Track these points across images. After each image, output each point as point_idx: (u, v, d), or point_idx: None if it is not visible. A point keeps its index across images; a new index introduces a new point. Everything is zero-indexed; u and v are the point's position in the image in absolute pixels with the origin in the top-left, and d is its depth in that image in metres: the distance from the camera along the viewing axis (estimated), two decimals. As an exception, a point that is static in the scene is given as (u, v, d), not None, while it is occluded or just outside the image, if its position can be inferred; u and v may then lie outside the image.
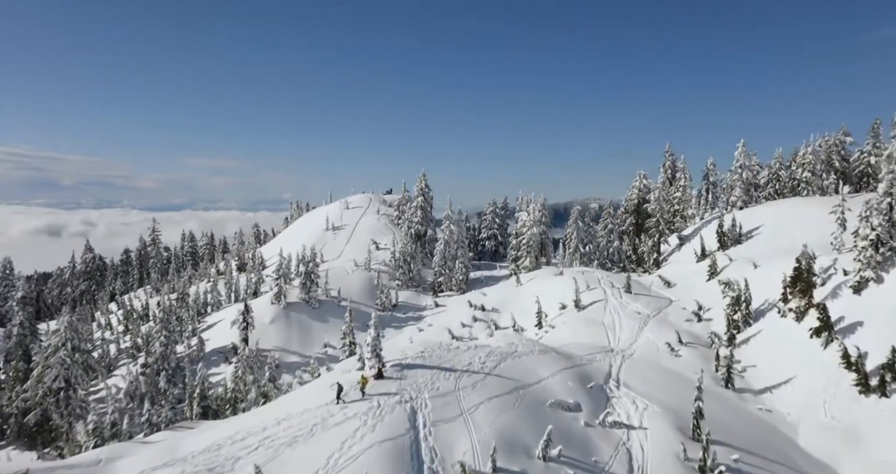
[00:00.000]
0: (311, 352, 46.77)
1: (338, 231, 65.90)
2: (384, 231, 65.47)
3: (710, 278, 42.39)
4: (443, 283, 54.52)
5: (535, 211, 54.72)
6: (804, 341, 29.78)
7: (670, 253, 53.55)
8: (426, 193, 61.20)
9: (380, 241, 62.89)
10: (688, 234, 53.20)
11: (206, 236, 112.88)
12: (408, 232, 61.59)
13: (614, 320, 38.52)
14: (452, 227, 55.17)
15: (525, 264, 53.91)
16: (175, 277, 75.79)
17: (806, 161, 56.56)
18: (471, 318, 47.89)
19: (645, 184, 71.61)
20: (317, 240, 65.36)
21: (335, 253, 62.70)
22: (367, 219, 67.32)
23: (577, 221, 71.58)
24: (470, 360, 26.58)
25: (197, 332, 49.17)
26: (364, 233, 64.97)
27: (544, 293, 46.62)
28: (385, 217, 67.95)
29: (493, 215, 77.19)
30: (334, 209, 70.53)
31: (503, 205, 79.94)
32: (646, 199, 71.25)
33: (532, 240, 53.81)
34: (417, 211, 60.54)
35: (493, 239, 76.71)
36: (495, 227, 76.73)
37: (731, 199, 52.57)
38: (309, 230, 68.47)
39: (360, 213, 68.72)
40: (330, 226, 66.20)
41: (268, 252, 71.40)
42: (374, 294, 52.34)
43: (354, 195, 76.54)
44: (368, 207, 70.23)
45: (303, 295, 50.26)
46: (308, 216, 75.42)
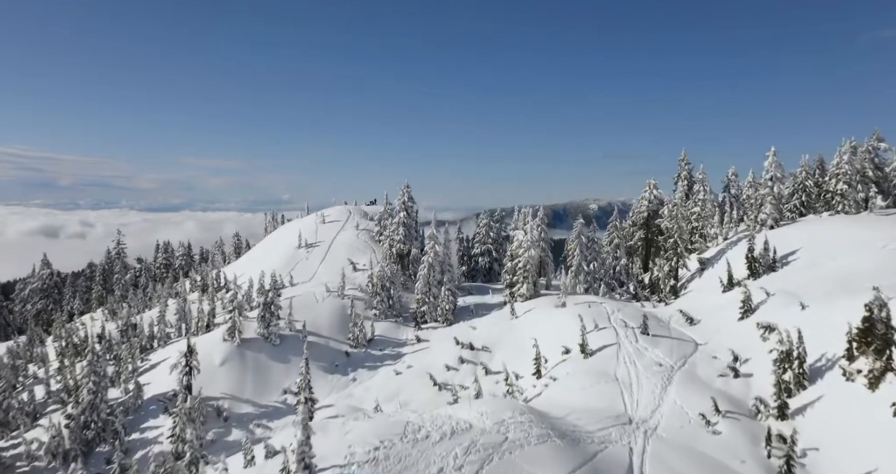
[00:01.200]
0: (269, 400, 39.53)
1: (312, 249, 58.61)
2: (363, 249, 58.20)
3: (743, 316, 35.17)
4: (426, 313, 47.24)
5: (534, 230, 47.48)
6: (886, 418, 22.59)
7: (690, 278, 46.31)
8: (409, 207, 53.90)
9: (358, 261, 55.59)
10: (710, 258, 45.96)
11: (182, 246, 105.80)
12: (388, 251, 54.29)
13: (630, 374, 31.23)
14: (437, 248, 47.89)
15: (521, 292, 46.65)
16: (137, 297, 68.44)
17: (841, 171, 49.46)
18: (457, 359, 40.60)
19: (655, 194, 64.39)
20: (288, 259, 58.06)
21: (307, 274, 55.41)
22: (344, 235, 60.04)
23: (579, 236, 64.38)
24: (442, 464, 19.28)
25: (135, 374, 41.88)
26: (341, 252, 57.68)
27: (544, 331, 39.37)
28: (365, 232, 60.61)
29: (487, 228, 69.93)
30: (309, 223, 63.18)
31: (498, 216, 72.77)
32: (657, 212, 64.12)
33: (529, 264, 46.55)
34: (399, 228, 53.23)
35: (488, 254, 69.43)
36: (489, 242, 69.47)
37: (759, 217, 45.33)
38: (280, 247, 61.14)
39: (337, 228, 61.38)
40: (303, 243, 58.88)
41: (236, 270, 64.11)
42: (348, 326, 45.08)
43: (332, 207, 69.16)
44: (347, 221, 62.91)
45: (261, 329, 42.96)
46: (280, 231, 67.95)
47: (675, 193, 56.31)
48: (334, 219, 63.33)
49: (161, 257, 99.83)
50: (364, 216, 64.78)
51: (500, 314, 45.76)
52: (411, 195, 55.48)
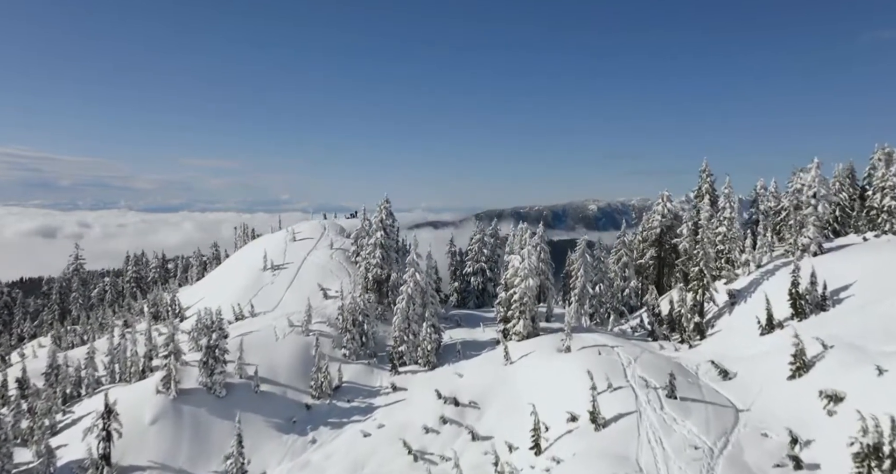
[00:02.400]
0: (207, 469, 32.25)
1: (278, 271, 51.30)
2: (337, 272, 50.86)
3: (795, 375, 27.86)
4: (405, 354, 39.94)
5: (531, 255, 40.14)
6: None
7: (718, 314, 38.98)
8: (388, 226, 46.52)
9: (330, 287, 48.29)
10: (742, 289, 38.65)
11: (157, 258, 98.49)
12: (364, 277, 46.95)
13: (657, 460, 23.93)
14: (418, 277, 40.57)
15: (517, 329, 39.31)
16: (91, 321, 61.04)
17: (888, 184, 42.32)
18: (438, 418, 33.29)
19: (669, 208, 57.23)
20: (251, 283, 50.73)
21: (271, 301, 48.14)
22: (316, 256, 52.71)
23: (584, 255, 57.16)
24: None
25: (47, 434, 34.52)
26: (311, 275, 50.35)
27: (544, 385, 32.15)
28: (340, 253, 53.22)
29: (481, 244, 62.67)
30: (277, 241, 55.79)
31: (493, 230, 65.49)
32: (671, 228, 56.93)
33: (527, 297, 39.22)
34: (376, 250, 45.84)
35: (481, 274, 62.15)
36: (483, 259, 62.19)
37: (800, 240, 38.06)
38: (244, 268, 53.79)
39: (308, 247, 54.01)
40: (268, 264, 51.54)
41: (195, 294, 56.91)
42: (311, 370, 37.78)
43: (304, 222, 61.68)
44: (320, 239, 55.51)
45: (204, 378, 35.65)
46: (246, 249, 60.37)
47: (696, 209, 48.92)
48: (306, 237, 55.93)
49: (131, 270, 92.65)
50: (340, 232, 57.35)
51: (492, 356, 38.40)
52: (391, 211, 48.18)
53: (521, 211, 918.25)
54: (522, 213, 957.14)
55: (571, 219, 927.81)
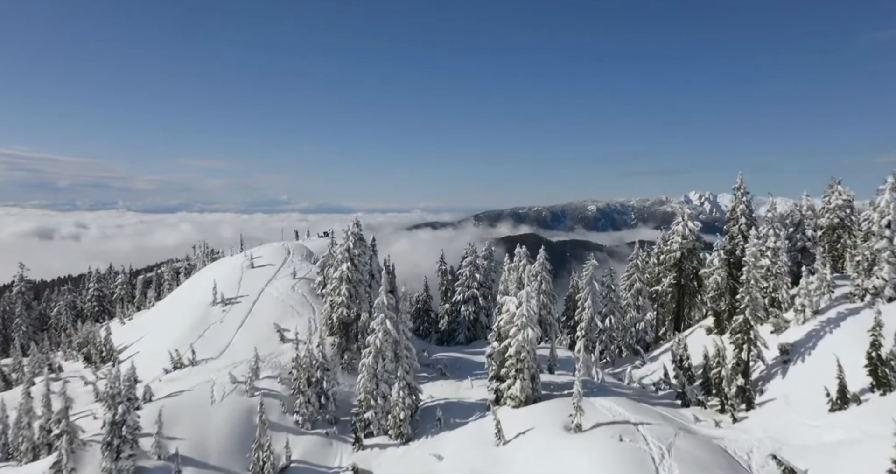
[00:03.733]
0: None
1: (230, 306, 43.15)
2: (299, 307, 42.73)
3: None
4: (372, 422, 31.85)
5: (531, 299, 31.89)
6: None
7: (767, 375, 30.86)
8: (356, 256, 38.26)
9: (288, 327, 40.22)
10: (796, 344, 30.58)
11: (124, 273, 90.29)
12: (328, 318, 38.79)
13: None
14: (389, 325, 32.44)
15: (513, 393, 31.15)
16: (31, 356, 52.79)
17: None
18: (407, 525, 25.26)
19: (691, 228, 49.18)
20: (197, 322, 42.54)
21: (217, 345, 40.00)
22: (276, 287, 44.52)
23: (591, 283, 49.26)
24: None
25: None
26: (268, 311, 42.21)
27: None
28: (305, 283, 45.01)
29: (472, 267, 54.59)
30: (233, 267, 47.50)
31: (486, 251, 57.40)
32: (692, 251, 48.93)
33: (525, 352, 31.03)
34: (341, 286, 37.64)
35: (473, 302, 54.07)
36: (475, 285, 54.09)
37: (872, 283, 29.94)
38: (191, 301, 45.60)
39: (268, 276, 45.89)
40: (218, 297, 43.38)
41: (135, 331, 48.75)
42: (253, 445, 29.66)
43: (266, 245, 53.23)
44: (282, 266, 47.35)
45: (107, 463, 27.54)
46: (196, 279, 52.00)
47: (727, 235, 40.72)
48: (266, 263, 47.65)
49: (93, 288, 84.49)
50: (306, 257, 49.12)
51: (481, 429, 30.22)
52: (362, 236, 40.05)
53: (520, 211, 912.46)
54: (521, 214, 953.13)
55: (570, 219, 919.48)
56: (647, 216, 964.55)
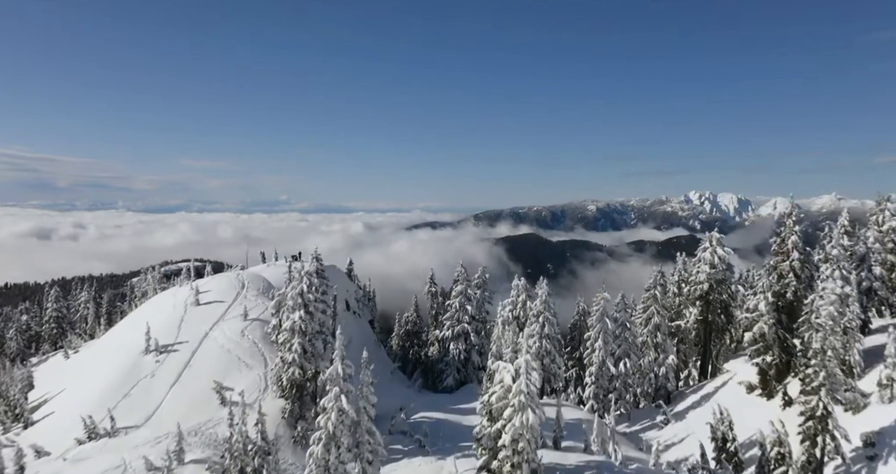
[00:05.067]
0: None
1: (166, 355, 35.40)
2: (249, 357, 34.96)
3: None
4: (323, 532, 24.17)
5: (530, 371, 24.09)
6: None
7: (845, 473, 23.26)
8: (311, 303, 30.46)
9: (233, 386, 32.52)
10: (883, 431, 22.97)
11: (89, 289, 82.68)
12: (277, 377, 31.08)
13: None
14: (344, 403, 24.69)
15: (508, 494, 23.46)
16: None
17: None
18: None
19: (720, 256, 41.55)
20: (124, 376, 34.72)
21: (144, 409, 32.27)
22: (223, 331, 36.70)
23: (603, 320, 41.67)
24: None
25: None
26: (210, 363, 34.43)
27: None
28: (258, 326, 37.20)
29: (463, 298, 46.97)
30: (175, 304, 39.38)
31: (480, 279, 49.76)
32: (722, 282, 41.35)
33: (523, 441, 23.35)
34: (293, 339, 29.92)
35: (463, 338, 46.41)
36: (466, 319, 46.45)
37: None
38: (120, 349, 37.68)
39: (215, 315, 38.02)
40: (152, 344, 35.63)
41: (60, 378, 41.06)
42: None
43: (217, 276, 44.89)
44: (234, 302, 39.45)
45: None
46: (133, 317, 43.43)
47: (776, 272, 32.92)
48: (214, 299, 39.67)
49: (52, 307, 76.72)
50: (264, 291, 41.18)
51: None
52: (321, 272, 32.37)
53: (519, 211, 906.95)
54: (521, 214, 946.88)
55: (570, 219, 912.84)
56: (646, 216, 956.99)
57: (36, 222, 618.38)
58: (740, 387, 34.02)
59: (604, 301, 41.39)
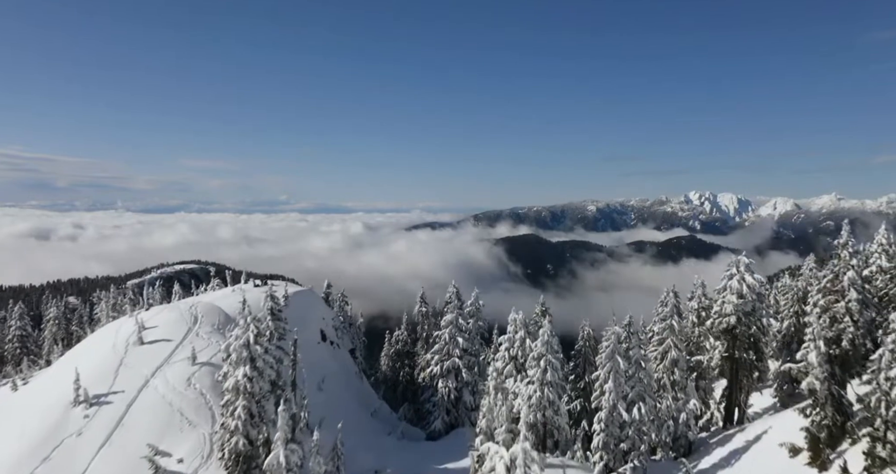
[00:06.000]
0: None
1: (97, 407, 29.79)
2: (193, 413, 29.27)
3: None
4: None
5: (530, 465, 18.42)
6: None
7: None
8: (260, 355, 24.79)
9: (171, 451, 26.89)
10: None
11: (59, 305, 77.04)
12: (220, 446, 25.48)
13: None
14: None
15: None
16: None
17: None
18: None
19: (749, 284, 35.92)
20: (47, 434, 29.01)
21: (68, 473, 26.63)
22: (166, 378, 30.97)
23: (614, 357, 35.95)
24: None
25: None
26: (147, 420, 28.77)
27: None
28: (207, 372, 31.47)
29: (454, 328, 41.34)
30: (115, 344, 33.51)
31: (473, 307, 44.15)
32: (751, 313, 35.80)
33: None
34: (237, 402, 24.32)
35: (454, 375, 40.80)
36: (457, 353, 40.82)
37: None
38: (47, 398, 31.87)
39: (161, 357, 32.41)
40: (82, 394, 30.01)
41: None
42: None
43: (166, 307, 38.60)
44: (183, 341, 33.63)
45: None
46: (66, 359, 37.32)
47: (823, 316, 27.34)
48: (161, 337, 33.76)
49: (16, 325, 70.98)
50: (220, 326, 35.25)
51: None
52: (276, 310, 26.71)
53: (519, 211, 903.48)
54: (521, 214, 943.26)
55: (570, 219, 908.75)
56: (646, 216, 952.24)
57: (34, 222, 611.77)
58: (781, 450, 28.43)
59: (614, 336, 35.70)
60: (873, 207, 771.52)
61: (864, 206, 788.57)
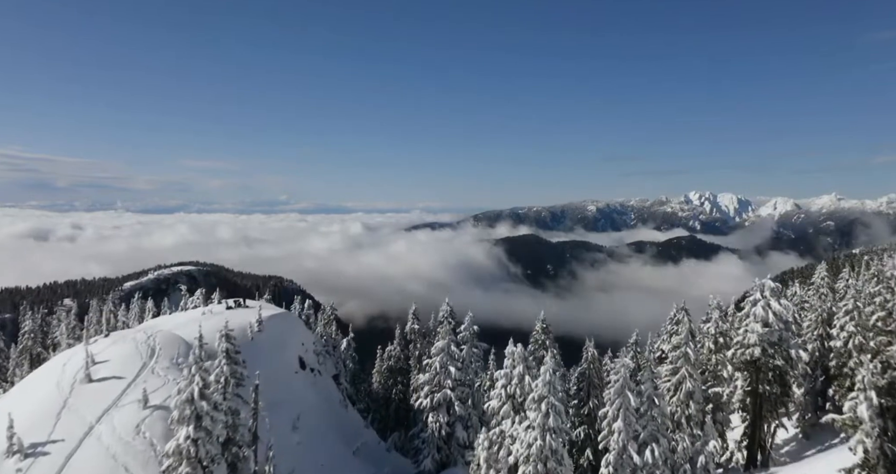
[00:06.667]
0: None
1: (33, 460, 25.85)
2: (141, 468, 25.27)
3: None
4: None
5: None
6: None
7: None
8: (205, 412, 20.87)
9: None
10: None
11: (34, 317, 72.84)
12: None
13: None
14: None
15: None
16: None
17: None
18: None
19: (776, 311, 32.02)
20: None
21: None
22: (112, 424, 26.84)
23: (624, 393, 32.13)
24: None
25: None
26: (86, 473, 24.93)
27: None
28: (159, 417, 27.44)
29: (446, 356, 37.35)
30: (58, 383, 29.27)
31: (467, 331, 40.17)
32: (778, 344, 31.95)
33: None
34: (182, 467, 20.40)
35: (444, 408, 36.82)
36: (449, 384, 36.83)
37: None
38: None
39: (110, 397, 28.28)
40: (16, 444, 26.02)
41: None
42: None
43: (122, 336, 34.08)
44: (136, 379, 29.39)
45: None
46: (7, 398, 33.23)
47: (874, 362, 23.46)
48: (112, 374, 29.46)
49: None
50: (177, 359, 31.36)
51: None
52: (232, 352, 22.77)
53: (519, 212, 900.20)
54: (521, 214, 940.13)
55: (570, 219, 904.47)
56: (646, 216, 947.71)
57: (33, 223, 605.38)
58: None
59: (625, 370, 31.82)
60: (873, 207, 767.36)
61: (864, 206, 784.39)
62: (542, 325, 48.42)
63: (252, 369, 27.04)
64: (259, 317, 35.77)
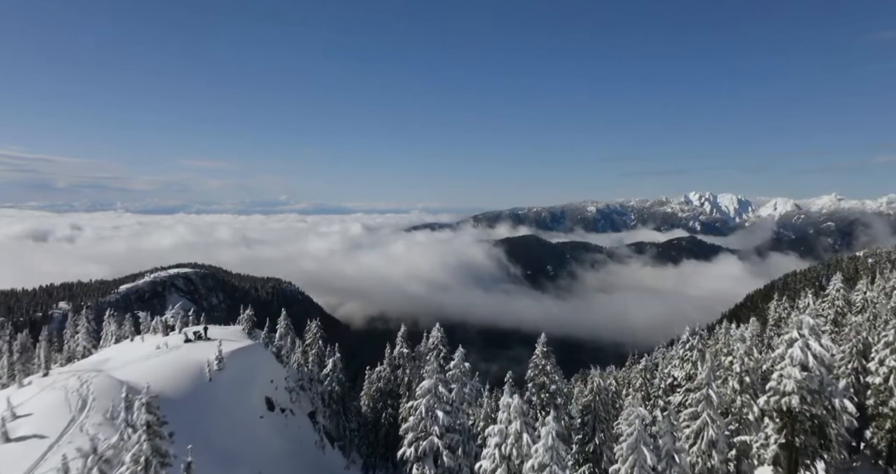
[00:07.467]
0: None
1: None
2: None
3: None
4: None
5: None
6: None
7: None
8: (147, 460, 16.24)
9: None
10: None
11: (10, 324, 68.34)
12: None
13: None
14: None
15: None
16: None
17: None
18: None
19: (818, 354, 27.33)
20: None
21: None
22: None
23: (638, 447, 27.36)
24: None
25: None
26: None
27: None
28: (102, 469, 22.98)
29: (433, 398, 32.47)
30: None
31: (458, 369, 35.45)
32: (819, 392, 27.33)
33: None
34: None
35: (433, 460, 31.99)
36: (436, 431, 32.03)
37: None
38: None
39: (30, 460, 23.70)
40: None
41: None
42: None
43: (52, 382, 28.28)
44: (63, 436, 24.51)
45: None
46: None
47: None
48: (33, 431, 24.08)
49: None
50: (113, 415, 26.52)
51: None
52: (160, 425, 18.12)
53: (519, 212, 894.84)
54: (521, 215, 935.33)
55: (570, 220, 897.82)
56: (646, 217, 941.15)
57: (33, 224, 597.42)
58: None
59: (639, 420, 27.14)
60: (873, 208, 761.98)
61: (864, 207, 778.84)
62: (543, 349, 43.83)
63: (206, 419, 22.42)
64: (219, 354, 31.05)
